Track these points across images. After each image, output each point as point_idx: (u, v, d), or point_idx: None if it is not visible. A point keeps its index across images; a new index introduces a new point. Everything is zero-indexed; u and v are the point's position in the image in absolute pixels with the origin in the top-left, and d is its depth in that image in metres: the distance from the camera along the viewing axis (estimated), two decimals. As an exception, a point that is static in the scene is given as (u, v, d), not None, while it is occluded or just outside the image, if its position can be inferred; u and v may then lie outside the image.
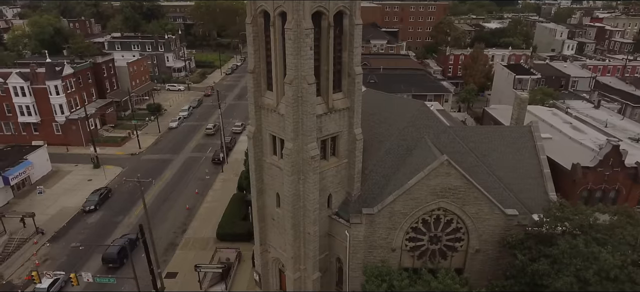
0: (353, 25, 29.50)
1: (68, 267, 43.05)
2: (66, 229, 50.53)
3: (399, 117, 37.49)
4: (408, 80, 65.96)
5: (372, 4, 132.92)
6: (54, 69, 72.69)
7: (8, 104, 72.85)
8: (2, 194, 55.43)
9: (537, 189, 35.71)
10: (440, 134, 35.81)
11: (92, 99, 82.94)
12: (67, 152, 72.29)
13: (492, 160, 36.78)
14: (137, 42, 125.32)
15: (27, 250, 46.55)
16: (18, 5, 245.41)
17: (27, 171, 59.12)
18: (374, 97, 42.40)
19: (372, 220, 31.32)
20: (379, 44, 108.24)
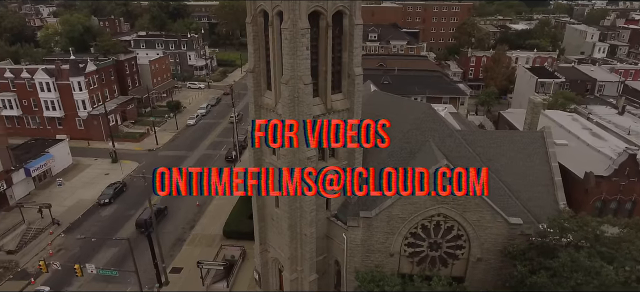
0: (353, 25, 29.07)
1: (80, 258, 44.42)
2: (81, 221, 52.17)
3: (404, 120, 36.74)
4: (423, 82, 64.69)
5: (394, 4, 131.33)
6: (77, 65, 75.22)
7: (34, 98, 75.91)
8: (24, 185, 57.77)
9: (547, 197, 34.26)
10: (446, 138, 34.85)
11: (114, 96, 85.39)
12: (88, 147, 74.68)
13: (500, 166, 35.52)
14: (161, 40, 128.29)
15: (43, 240, 48.31)
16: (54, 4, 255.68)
17: (48, 163, 61.38)
18: (381, 99, 41.78)
19: (369, 224, 30.79)
20: (399, 44, 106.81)
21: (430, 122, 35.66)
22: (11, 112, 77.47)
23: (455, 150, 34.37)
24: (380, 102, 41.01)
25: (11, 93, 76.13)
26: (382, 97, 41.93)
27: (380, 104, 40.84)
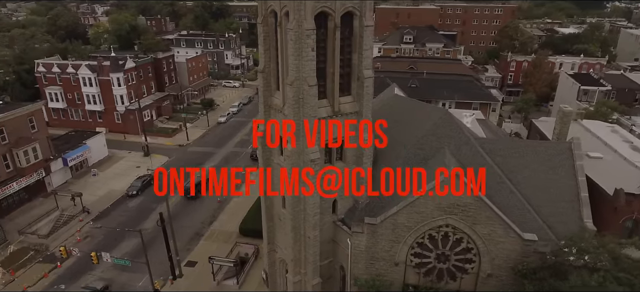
0: (363, 26, 28.43)
1: (104, 246, 46.55)
2: (109, 211, 54.65)
3: (420, 125, 35.55)
4: (452, 87, 62.41)
5: (431, 6, 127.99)
6: (117, 62, 79.02)
7: (78, 92, 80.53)
8: (61, 174, 61.36)
9: (571, 214, 31.85)
10: (462, 146, 33.31)
11: (151, 92, 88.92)
12: (124, 140, 78.21)
13: (522, 177, 33.47)
14: (201, 39, 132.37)
15: (72, 226, 51.03)
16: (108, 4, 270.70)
17: (84, 154, 64.88)
18: (400, 103, 40.69)
19: (374, 230, 29.99)
20: (435, 47, 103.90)
21: (447, 129, 34.21)
22: (57, 105, 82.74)
23: (471, 158, 32.77)
24: (398, 106, 39.96)
25: (58, 87, 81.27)
26: (400, 101, 40.80)
27: (397, 107, 39.80)
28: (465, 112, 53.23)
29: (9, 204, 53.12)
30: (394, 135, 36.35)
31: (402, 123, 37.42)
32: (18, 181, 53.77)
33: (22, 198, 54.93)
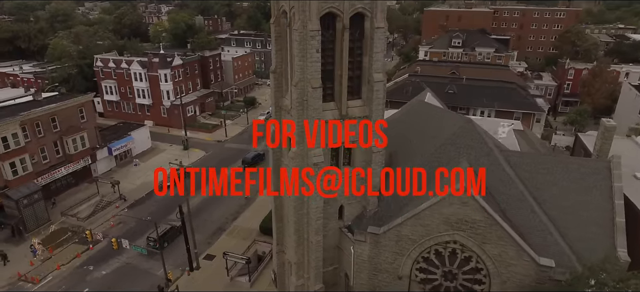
0: (373, 28, 27.44)
1: (134, 233, 49.12)
2: (143, 200, 57.52)
3: (439, 133, 33.76)
4: (493, 94, 58.64)
5: (485, 9, 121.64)
6: (165, 59, 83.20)
7: (129, 87, 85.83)
8: (106, 162, 65.58)
9: (603, 241, 28.56)
10: (482, 157, 31.06)
11: (197, 88, 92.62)
12: (168, 133, 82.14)
13: (548, 196, 30.59)
14: (250, 39, 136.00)
15: (109, 212, 54.30)
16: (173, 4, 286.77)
17: (128, 145, 68.88)
18: (422, 109, 38.92)
19: (377, 240, 28.80)
20: (485, 52, 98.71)
21: (468, 139, 32.09)
22: (111, 98, 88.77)
23: (491, 171, 30.49)
24: (420, 113, 38.23)
25: (112, 81, 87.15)
26: (424, 108, 38.97)
27: (419, 115, 38.09)
28: (503, 121, 49.89)
29: (57, 187, 57.61)
30: (412, 142, 34.90)
31: (422, 131, 35.76)
32: (66, 166, 58.19)
33: (69, 182, 59.37)
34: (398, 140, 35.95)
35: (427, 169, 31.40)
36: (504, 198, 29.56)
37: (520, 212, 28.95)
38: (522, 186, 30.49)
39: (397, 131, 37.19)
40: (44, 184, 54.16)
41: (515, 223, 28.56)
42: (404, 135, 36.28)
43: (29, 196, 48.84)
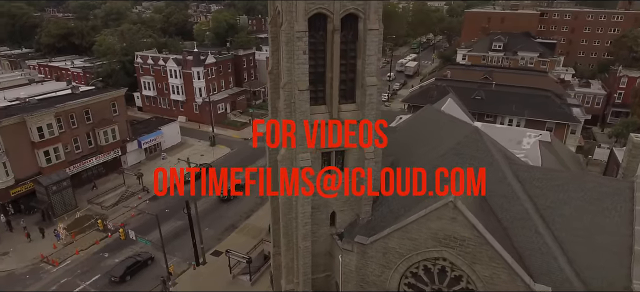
0: (366, 30, 26.39)
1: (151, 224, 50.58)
2: (164, 193, 59.43)
3: (443, 141, 32.08)
4: (524, 102, 54.71)
5: (532, 11, 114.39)
6: (199, 57, 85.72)
7: (165, 83, 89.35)
8: (136, 155, 68.57)
9: (617, 270, 25.65)
10: (489, 170, 29.02)
11: (229, 86, 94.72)
12: (198, 129, 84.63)
13: (559, 216, 28.01)
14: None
15: (131, 202, 56.63)
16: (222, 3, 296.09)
17: (157, 139, 71.63)
18: (430, 115, 37.12)
19: (364, 251, 27.71)
20: (528, 56, 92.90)
21: (473, 149, 30.12)
22: (149, 93, 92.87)
23: (496, 186, 28.37)
24: (426, 119, 36.48)
25: (150, 77, 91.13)
26: (432, 114, 37.12)
27: (427, 121, 36.36)
28: (529, 132, 46.57)
29: (88, 176, 60.99)
30: (414, 150, 33.39)
31: (427, 139, 34.12)
32: (97, 157, 61.46)
33: (99, 172, 62.65)
34: (402, 147, 34.59)
35: (426, 178, 29.91)
36: (507, 215, 27.44)
37: (523, 231, 26.71)
38: (529, 203, 28.18)
39: (403, 138, 35.80)
40: (75, 173, 57.61)
41: (516, 243, 26.47)
42: (408, 143, 34.82)
43: (58, 183, 52.00)
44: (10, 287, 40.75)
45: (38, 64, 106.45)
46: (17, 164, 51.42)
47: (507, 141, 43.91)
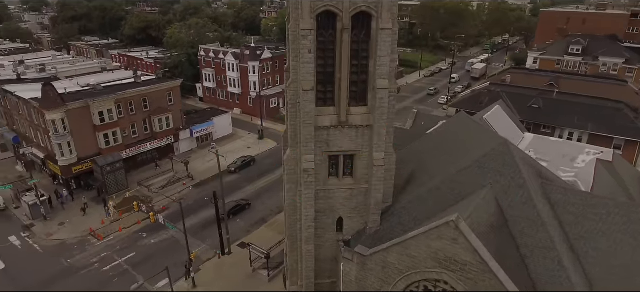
0: (378, 29, 24.89)
1: (190, 210, 53.32)
2: (207, 181, 61.96)
3: (469, 153, 29.48)
4: (589, 113, 48.18)
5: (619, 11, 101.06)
6: (255, 52, 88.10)
7: (224, 76, 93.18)
8: (188, 143, 72.37)
9: (659, 321, 21.71)
10: (514, 189, 26.10)
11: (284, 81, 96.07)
12: (250, 122, 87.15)
13: (594, 249, 24.47)
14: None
15: (177, 188, 59.86)
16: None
17: (208, 129, 74.91)
18: (461, 124, 34.28)
19: (363, 262, 26.36)
20: (611, 62, 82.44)
21: (499, 163, 27.28)
22: (209, 85, 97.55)
23: (520, 208, 25.42)
24: (457, 128, 33.76)
25: (211, 69, 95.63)
26: (463, 122, 34.19)
27: (456, 130, 33.69)
28: (589, 148, 41.25)
29: (142, 160, 65.57)
30: (435, 160, 31.10)
31: (451, 149, 31.58)
32: (152, 142, 65.80)
33: (153, 157, 67.00)
34: (424, 157, 32.47)
35: (443, 191, 27.74)
36: (528, 241, 24.53)
37: (544, 262, 23.72)
38: (558, 230, 24.94)
39: (428, 147, 33.55)
40: (130, 156, 62.31)
41: (533, 274, 23.58)
42: (433, 152, 32.52)
43: (112, 165, 56.52)
44: (59, 255, 45.10)
45: (118, 54, 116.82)
46: (80, 144, 56.70)
47: (560, 157, 39.46)
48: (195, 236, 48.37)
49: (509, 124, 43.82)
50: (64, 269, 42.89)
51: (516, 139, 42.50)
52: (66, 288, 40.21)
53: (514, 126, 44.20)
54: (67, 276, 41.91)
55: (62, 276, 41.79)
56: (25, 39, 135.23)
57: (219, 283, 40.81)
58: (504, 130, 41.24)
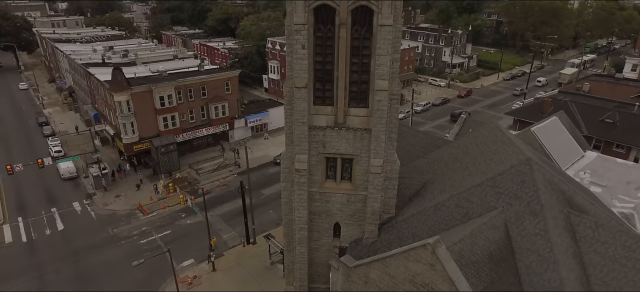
0: (378, 26, 23.01)
1: (228, 196, 55.35)
2: (252, 170, 63.33)
3: (488, 167, 26.38)
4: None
5: None
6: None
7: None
8: (242, 131, 74.97)
9: None
10: (527, 216, 22.79)
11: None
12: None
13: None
14: (424, 33, 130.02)
15: (223, 173, 62.44)
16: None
17: (263, 119, 76.87)
18: (488, 135, 30.54)
19: (348, 273, 24.81)
20: None
21: (516, 184, 23.92)
22: (274, 76, 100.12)
23: (531, 239, 22.04)
24: (484, 139, 30.11)
25: (276, 61, 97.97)
26: (491, 133, 30.29)
27: (482, 140, 30.08)
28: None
29: (198, 144, 69.55)
30: (453, 174, 28.20)
31: (471, 162, 28.38)
32: (207, 128, 69.42)
33: (208, 142, 70.71)
34: (441, 167, 29.65)
35: (450, 208, 25.12)
36: (534, 280, 21.37)
37: (543, 305, 20.14)
38: (576, 271, 21.28)
39: (447, 157, 30.58)
40: (186, 140, 66.43)
41: (533, 318, 20.22)
42: (450, 164, 29.55)
43: (166, 146, 60.66)
44: (108, 224, 49.66)
45: (199, 43, 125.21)
46: (142, 125, 61.74)
47: (622, 183, 33.87)
48: (228, 222, 50.03)
49: (566, 140, 38.33)
50: (108, 238, 47.13)
51: (571, 157, 37.13)
52: (104, 255, 44.05)
53: (573, 142, 38.53)
54: (108, 243, 46.01)
55: (104, 244, 45.97)
56: (126, 27, 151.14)
57: (237, 270, 41.69)
58: (556, 146, 36.29)
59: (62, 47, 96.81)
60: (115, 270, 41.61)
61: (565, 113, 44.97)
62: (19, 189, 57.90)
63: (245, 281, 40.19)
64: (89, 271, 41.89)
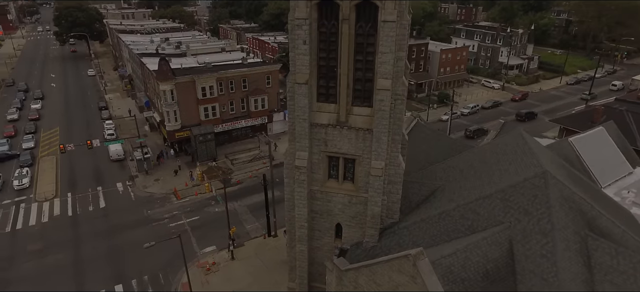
0: (381, 21, 22.09)
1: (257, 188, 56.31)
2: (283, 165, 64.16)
3: (502, 178, 24.50)
4: None
5: None
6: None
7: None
8: (281, 125, 75.76)
9: None
10: (535, 235, 20.89)
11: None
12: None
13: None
14: (481, 32, 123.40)
15: (257, 165, 63.67)
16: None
17: (301, 114, 77.15)
18: (512, 143, 28.18)
19: (340, 276, 24.15)
20: None
21: (527, 199, 21.99)
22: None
23: (536, 261, 20.17)
24: (506, 147, 27.84)
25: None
26: (515, 141, 27.81)
27: (504, 149, 27.84)
28: None
29: (237, 135, 71.49)
30: (462, 183, 26.54)
31: (483, 171, 26.44)
32: (246, 120, 71.11)
33: (246, 133, 72.43)
34: (454, 174, 28.03)
35: (455, 219, 23.70)
36: None
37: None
38: None
39: (463, 164, 28.82)
40: (225, 130, 68.55)
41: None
42: (464, 171, 27.80)
43: (204, 135, 63.00)
44: (144, 205, 52.60)
45: (252, 37, 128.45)
46: (184, 114, 64.61)
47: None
48: (253, 213, 50.99)
49: (612, 153, 34.57)
50: (142, 218, 49.93)
51: (616, 173, 33.52)
52: (135, 234, 46.65)
53: (620, 156, 34.64)
54: (141, 224, 48.73)
55: (138, 224, 48.74)
56: (186, 20, 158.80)
57: (254, 261, 42.34)
58: (597, 159, 32.99)
59: (124, 38, 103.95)
60: (142, 250, 43.92)
61: (619, 124, 40.53)
62: (73, 167, 63.08)
63: (260, 272, 40.71)
64: (119, 248, 44.66)
